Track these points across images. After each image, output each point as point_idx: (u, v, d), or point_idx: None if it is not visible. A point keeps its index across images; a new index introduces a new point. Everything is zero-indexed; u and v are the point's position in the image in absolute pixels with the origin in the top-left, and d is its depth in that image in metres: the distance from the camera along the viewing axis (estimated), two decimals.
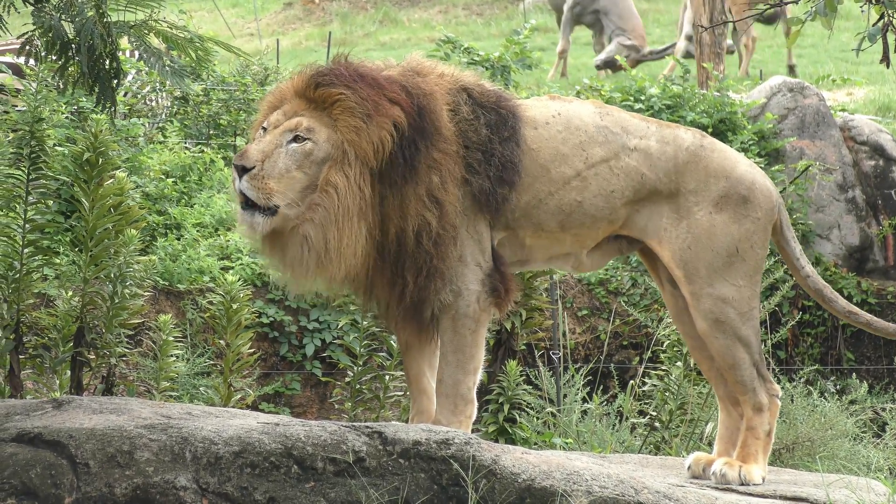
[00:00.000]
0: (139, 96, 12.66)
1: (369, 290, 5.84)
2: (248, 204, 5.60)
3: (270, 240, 5.68)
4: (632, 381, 9.20)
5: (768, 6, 6.35)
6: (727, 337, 5.87)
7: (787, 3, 6.34)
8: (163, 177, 11.51)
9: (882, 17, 6.09)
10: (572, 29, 20.72)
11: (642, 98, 12.99)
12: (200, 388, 9.09)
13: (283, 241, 5.66)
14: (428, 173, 5.65)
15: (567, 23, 20.38)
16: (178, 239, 11.00)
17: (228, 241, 11.04)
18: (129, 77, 12.48)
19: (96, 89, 6.02)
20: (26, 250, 7.58)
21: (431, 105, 5.72)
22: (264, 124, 5.71)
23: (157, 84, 12.54)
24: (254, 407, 9.75)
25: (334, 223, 5.58)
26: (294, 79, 5.78)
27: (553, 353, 9.68)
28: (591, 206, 5.87)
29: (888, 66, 6.23)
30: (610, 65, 19.64)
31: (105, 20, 5.82)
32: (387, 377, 8.35)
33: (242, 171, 5.58)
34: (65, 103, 11.44)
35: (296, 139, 5.61)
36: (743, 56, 19.33)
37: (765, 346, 8.68)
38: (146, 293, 7.83)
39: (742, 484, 5.78)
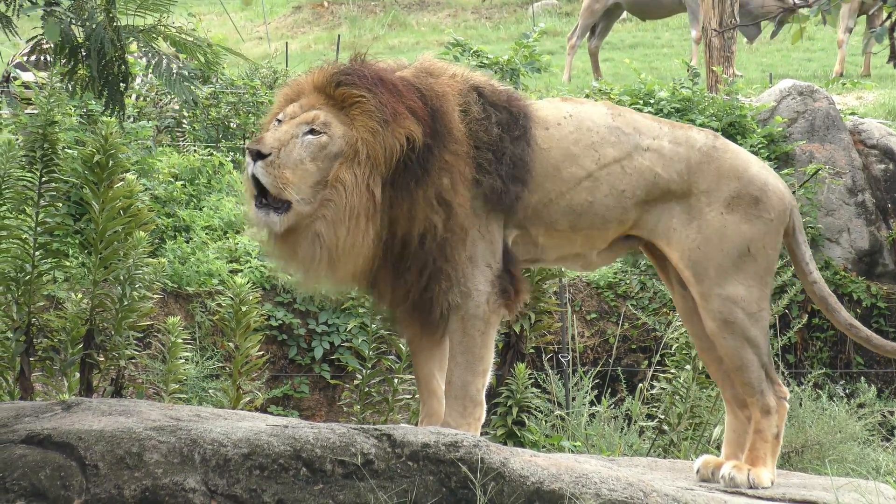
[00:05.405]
0: (148, 99, 12.68)
1: (374, 290, 5.81)
2: (261, 203, 5.56)
3: (283, 238, 5.62)
4: (640, 385, 9.19)
5: (781, 10, 6.35)
6: (735, 338, 5.84)
7: (799, 7, 6.34)
8: (172, 179, 11.52)
9: (889, 16, 6.10)
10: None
11: (651, 101, 12.98)
12: (209, 391, 9.10)
13: (295, 239, 5.60)
14: (439, 175, 5.62)
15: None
16: (187, 242, 11.01)
17: (237, 243, 11.05)
18: (139, 79, 12.50)
19: (105, 93, 6.01)
20: (37, 253, 7.59)
21: (444, 107, 5.69)
22: (279, 116, 5.68)
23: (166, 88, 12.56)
24: (262, 409, 9.75)
25: (343, 221, 5.53)
26: (313, 74, 5.73)
27: (562, 357, 9.68)
28: (602, 207, 5.83)
29: None
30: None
31: (115, 24, 5.81)
32: (395, 380, 8.35)
33: (258, 156, 5.51)
34: (73, 106, 11.46)
35: (312, 132, 5.57)
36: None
37: (774, 349, 8.66)
38: (155, 296, 7.84)
39: (751, 487, 5.76)
